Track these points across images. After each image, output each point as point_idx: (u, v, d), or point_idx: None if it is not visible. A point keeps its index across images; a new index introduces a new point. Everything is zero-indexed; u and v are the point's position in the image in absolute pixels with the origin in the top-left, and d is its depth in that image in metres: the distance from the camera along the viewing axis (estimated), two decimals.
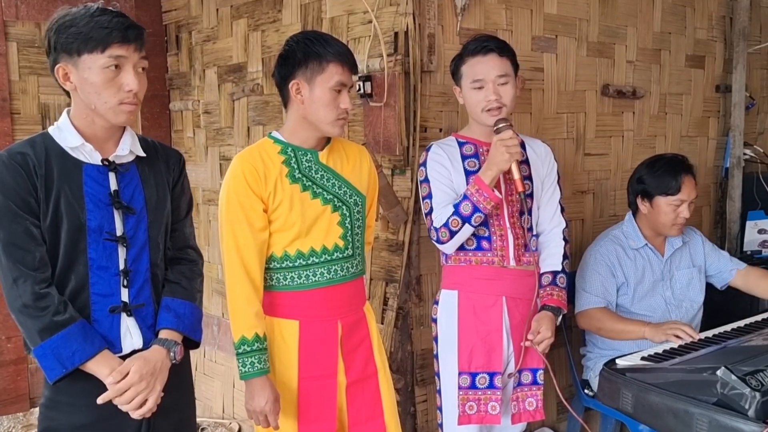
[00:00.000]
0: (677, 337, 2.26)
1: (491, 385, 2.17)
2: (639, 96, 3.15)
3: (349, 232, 1.96)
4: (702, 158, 3.45)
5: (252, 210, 1.86)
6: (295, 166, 1.91)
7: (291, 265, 1.92)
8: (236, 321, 1.86)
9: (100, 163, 1.65)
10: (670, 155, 2.61)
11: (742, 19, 3.44)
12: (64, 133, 1.63)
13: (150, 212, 1.71)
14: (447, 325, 2.21)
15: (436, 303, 2.27)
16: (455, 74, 2.20)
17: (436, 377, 2.29)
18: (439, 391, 2.27)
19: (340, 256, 1.94)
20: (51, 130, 1.66)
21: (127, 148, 1.69)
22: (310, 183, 1.91)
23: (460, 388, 2.17)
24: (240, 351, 1.84)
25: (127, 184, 1.68)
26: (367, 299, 2.11)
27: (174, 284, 1.77)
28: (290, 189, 1.88)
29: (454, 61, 2.20)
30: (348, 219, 1.95)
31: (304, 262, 1.91)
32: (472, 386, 2.17)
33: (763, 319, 2.47)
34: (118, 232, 1.65)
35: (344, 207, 1.95)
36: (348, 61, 1.87)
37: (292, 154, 1.92)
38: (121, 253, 1.66)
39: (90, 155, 1.64)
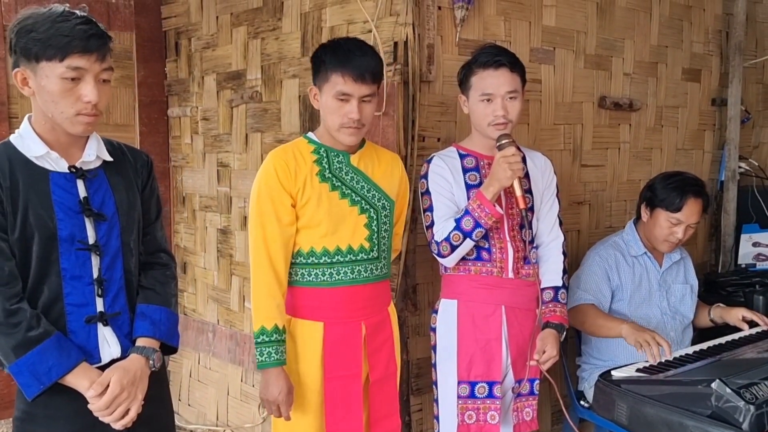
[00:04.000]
0: (642, 348, 2.17)
1: (490, 395, 2.17)
2: (635, 108, 3.17)
3: (376, 235, 2.02)
4: (697, 171, 3.46)
5: (281, 204, 1.93)
6: (326, 166, 1.99)
7: (316, 261, 1.98)
8: (258, 311, 1.93)
9: (67, 171, 1.61)
10: (690, 175, 2.60)
11: (738, 33, 3.47)
12: (27, 142, 1.58)
13: (122, 218, 1.68)
14: (446, 335, 2.21)
15: (435, 312, 2.27)
16: (463, 83, 2.19)
17: (433, 386, 2.29)
18: (437, 401, 2.26)
19: (365, 257, 2.01)
20: (13, 138, 1.61)
21: (94, 154, 1.64)
22: (339, 183, 1.98)
23: (459, 397, 2.17)
24: (258, 341, 1.92)
25: (97, 190, 1.64)
26: (391, 300, 2.17)
27: (148, 290, 1.74)
28: (319, 187, 1.96)
29: (463, 70, 2.19)
30: (375, 222, 2.02)
31: (328, 260, 1.98)
32: (471, 395, 2.18)
33: (757, 333, 2.48)
34: (91, 240, 1.62)
35: (372, 210, 2.02)
36: (352, 72, 1.89)
37: (324, 154, 2.00)
38: (95, 261, 1.63)
39: (56, 163, 1.59)
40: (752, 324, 2.52)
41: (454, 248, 2.11)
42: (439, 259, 2.19)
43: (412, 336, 2.52)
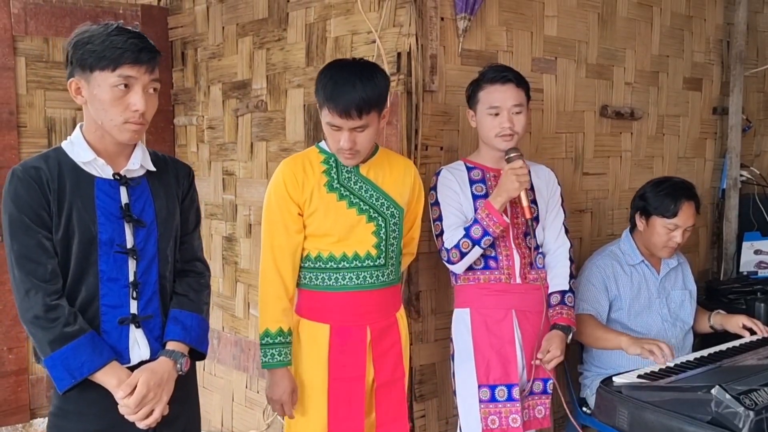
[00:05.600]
0: (652, 353, 2.22)
1: (510, 398, 2.22)
2: (637, 117, 3.19)
3: (383, 242, 2.06)
4: (699, 179, 3.48)
5: (288, 213, 2.00)
6: (335, 176, 2.03)
7: (323, 266, 2.04)
8: (263, 314, 2.02)
9: (112, 177, 1.69)
10: (678, 179, 2.62)
11: (739, 43, 3.50)
12: (77, 148, 1.68)
13: (160, 225, 1.75)
14: (462, 342, 2.27)
15: (452, 323, 2.32)
16: (471, 99, 2.28)
17: (453, 396, 2.33)
18: (458, 410, 2.30)
19: (371, 264, 2.05)
20: (64, 144, 1.70)
21: (138, 163, 1.73)
22: (347, 193, 2.03)
23: (480, 401, 2.22)
24: (263, 342, 2.00)
25: (138, 198, 1.73)
26: (401, 305, 2.20)
27: (182, 296, 1.80)
28: (327, 198, 2.01)
29: (471, 87, 2.28)
30: (383, 229, 2.06)
31: (334, 266, 2.03)
32: (492, 399, 2.22)
33: (757, 339, 2.49)
34: (129, 245, 1.69)
35: (380, 218, 2.05)
36: (338, 108, 1.91)
37: (334, 165, 2.05)
38: (131, 265, 1.70)
39: (102, 169, 1.69)
40: (753, 332, 2.53)
41: (463, 255, 2.18)
42: (449, 266, 2.25)
43: (415, 343, 2.54)
